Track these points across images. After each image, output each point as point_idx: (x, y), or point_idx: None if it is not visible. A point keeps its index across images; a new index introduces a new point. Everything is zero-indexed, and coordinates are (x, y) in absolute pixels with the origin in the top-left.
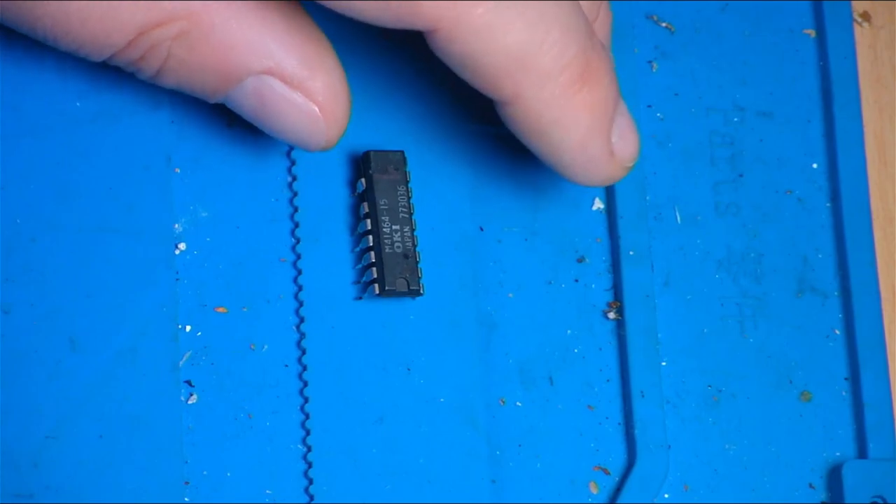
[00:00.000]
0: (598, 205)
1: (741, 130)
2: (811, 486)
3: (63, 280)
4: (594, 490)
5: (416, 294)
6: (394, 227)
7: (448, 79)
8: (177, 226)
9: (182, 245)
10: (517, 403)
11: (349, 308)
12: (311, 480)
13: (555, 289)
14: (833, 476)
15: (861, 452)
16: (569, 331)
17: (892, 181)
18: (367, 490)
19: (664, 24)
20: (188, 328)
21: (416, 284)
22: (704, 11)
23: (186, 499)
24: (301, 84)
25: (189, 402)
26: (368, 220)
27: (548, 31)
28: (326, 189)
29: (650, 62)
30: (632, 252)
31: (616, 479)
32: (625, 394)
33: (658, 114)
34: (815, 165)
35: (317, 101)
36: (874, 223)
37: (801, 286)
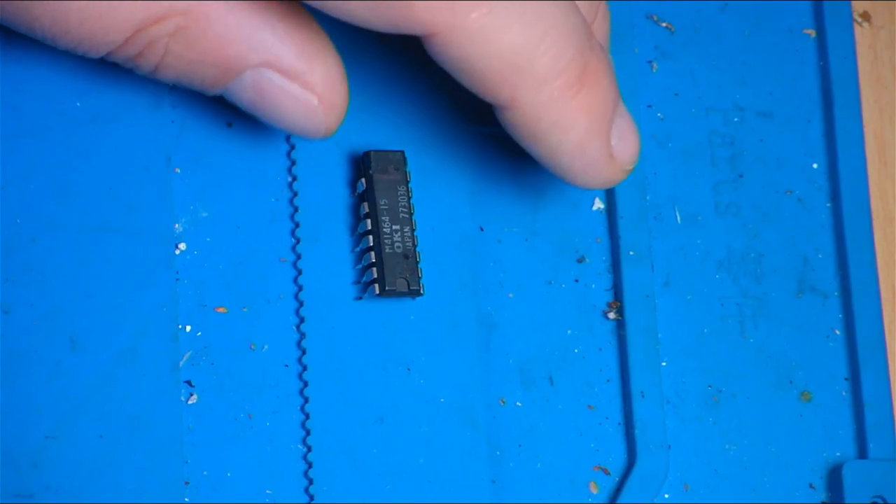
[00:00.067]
0: (599, 205)
1: (741, 130)
2: (811, 487)
3: (63, 280)
4: (594, 490)
5: (417, 294)
6: (394, 227)
7: (448, 79)
8: (177, 226)
9: (182, 245)
10: (517, 403)
11: (349, 308)
12: (311, 480)
13: (555, 289)
14: (833, 476)
15: (861, 452)
16: (569, 331)
17: (892, 181)
18: (367, 490)
19: (664, 24)
20: (188, 328)
21: (417, 284)
22: (704, 11)
23: (186, 499)
24: (299, 76)
25: (189, 402)
26: (368, 220)
27: (544, 34)
28: (326, 189)
29: (650, 62)
30: (632, 252)
31: (616, 479)
32: (625, 394)
33: (658, 114)
34: (815, 165)
35: (315, 92)
36: (874, 223)
37: (801, 286)
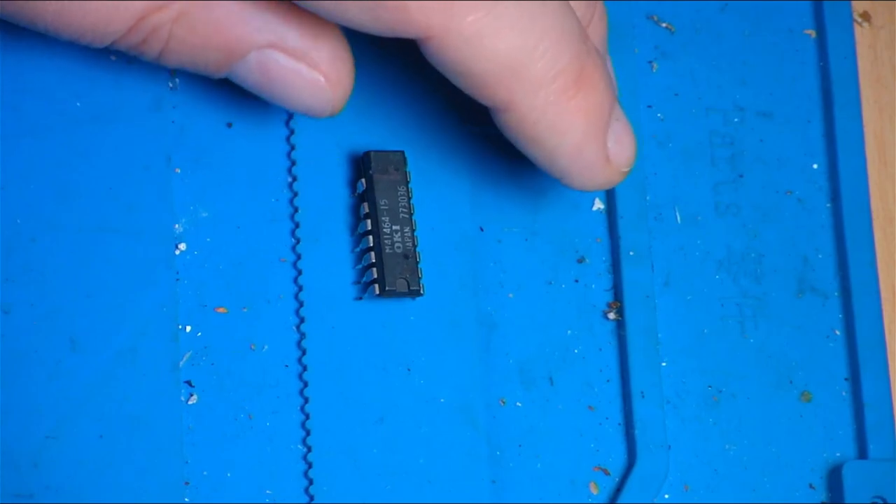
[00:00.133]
0: (598, 205)
1: (741, 130)
2: (811, 487)
3: (63, 280)
4: (594, 490)
5: (417, 294)
6: (394, 228)
7: (448, 80)
8: (177, 226)
9: (182, 245)
10: (517, 403)
11: (349, 308)
12: (312, 481)
13: (555, 289)
14: (833, 476)
15: (861, 453)
16: (569, 331)
17: (892, 181)
18: (367, 490)
19: (664, 25)
20: (188, 328)
21: (417, 285)
22: (704, 11)
23: (186, 499)
24: (305, 55)
25: (189, 403)
26: (369, 221)
27: (540, 38)
28: (326, 189)
29: (650, 62)
30: (632, 252)
31: (616, 480)
32: (625, 394)
33: (658, 114)
34: (815, 166)
35: (321, 70)
36: (874, 223)
37: (802, 286)
